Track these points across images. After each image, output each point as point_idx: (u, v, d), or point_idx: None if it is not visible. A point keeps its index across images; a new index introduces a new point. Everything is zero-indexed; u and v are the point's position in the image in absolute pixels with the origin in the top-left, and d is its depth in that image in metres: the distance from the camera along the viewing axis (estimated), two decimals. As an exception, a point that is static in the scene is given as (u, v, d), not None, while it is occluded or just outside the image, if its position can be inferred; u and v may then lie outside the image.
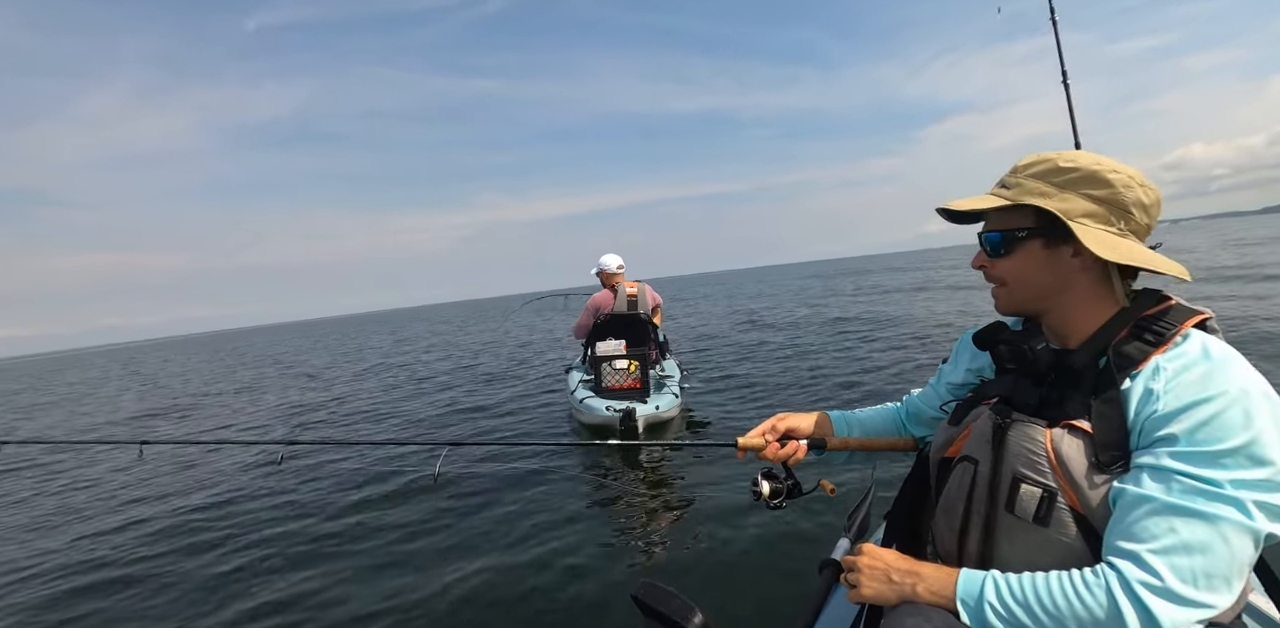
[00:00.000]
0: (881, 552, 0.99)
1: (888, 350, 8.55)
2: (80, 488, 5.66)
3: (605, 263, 6.08)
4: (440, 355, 15.12)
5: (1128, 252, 0.91)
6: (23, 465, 6.94)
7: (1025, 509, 0.91)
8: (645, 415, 5.12)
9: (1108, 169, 0.93)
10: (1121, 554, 0.81)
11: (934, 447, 1.12)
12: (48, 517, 4.86)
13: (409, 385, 10.11)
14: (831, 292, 23.97)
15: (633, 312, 5.92)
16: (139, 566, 3.55)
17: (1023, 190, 0.95)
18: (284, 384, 12.85)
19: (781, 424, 1.34)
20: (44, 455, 7.20)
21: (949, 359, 1.27)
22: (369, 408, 8.24)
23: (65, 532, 4.39)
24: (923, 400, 1.31)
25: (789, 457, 1.31)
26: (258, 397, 11.05)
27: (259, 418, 8.25)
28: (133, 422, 10.07)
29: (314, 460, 5.11)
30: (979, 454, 0.99)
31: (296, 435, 5.89)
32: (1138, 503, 0.81)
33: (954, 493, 1.02)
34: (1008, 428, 0.96)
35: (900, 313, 12.94)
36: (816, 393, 6.56)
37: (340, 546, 3.51)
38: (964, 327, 1.14)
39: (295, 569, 3.27)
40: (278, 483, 4.73)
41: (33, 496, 5.58)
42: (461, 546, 3.35)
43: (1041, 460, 0.90)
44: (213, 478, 5.13)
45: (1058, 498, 0.89)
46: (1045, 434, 0.91)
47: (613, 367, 5.50)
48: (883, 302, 16.20)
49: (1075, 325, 0.97)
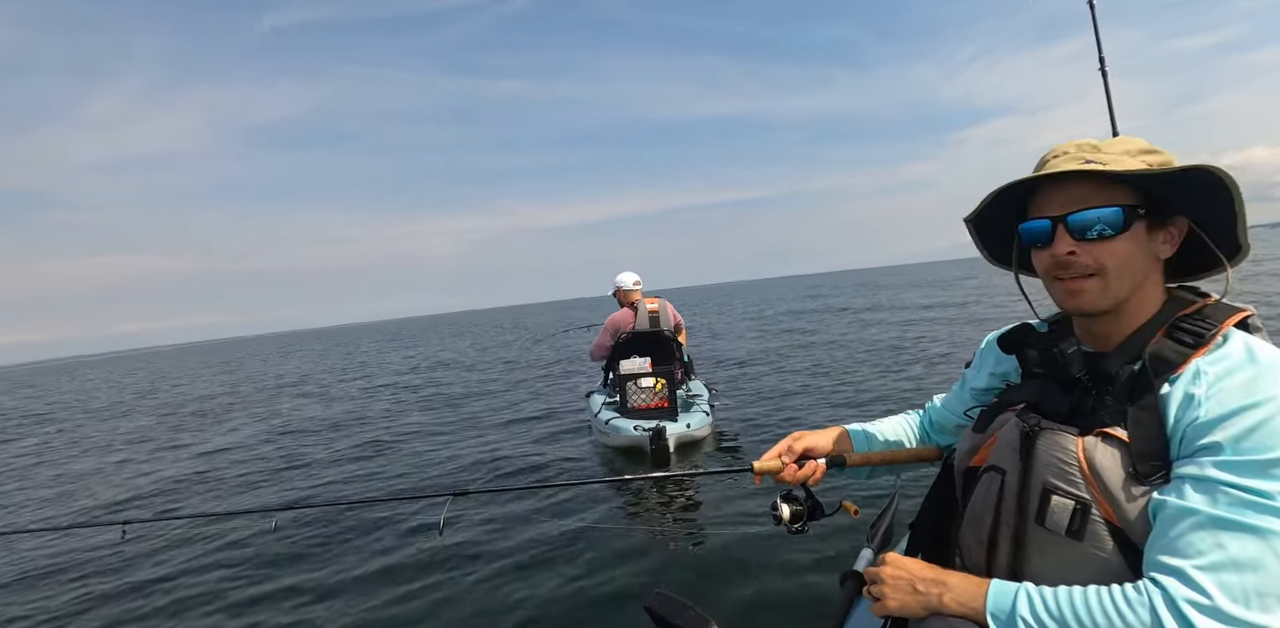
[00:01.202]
0: (905, 561, 0.96)
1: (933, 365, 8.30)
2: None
3: (621, 281, 6.00)
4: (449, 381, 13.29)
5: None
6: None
7: (1057, 522, 0.88)
8: (677, 434, 4.99)
9: (1152, 149, 0.91)
10: (1166, 571, 0.77)
11: (958, 455, 1.10)
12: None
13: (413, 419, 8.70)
14: (864, 306, 23.60)
15: (655, 329, 5.84)
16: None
17: (1125, 165, 0.88)
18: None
19: (798, 444, 1.30)
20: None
21: (972, 363, 1.23)
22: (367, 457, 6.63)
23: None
24: (946, 407, 1.29)
25: (807, 478, 1.27)
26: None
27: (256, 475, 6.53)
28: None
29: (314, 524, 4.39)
30: (1006, 464, 0.97)
31: (298, 497, 5.24)
32: (1181, 516, 0.77)
33: (981, 504, 1.00)
34: (1036, 436, 0.93)
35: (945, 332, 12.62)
36: (859, 407, 6.37)
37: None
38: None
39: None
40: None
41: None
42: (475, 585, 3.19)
43: (1073, 471, 0.87)
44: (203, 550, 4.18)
45: (1092, 510, 0.86)
46: (1077, 443, 0.88)
47: (638, 386, 5.37)
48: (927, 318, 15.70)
49: (1127, 325, 0.93)
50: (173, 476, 6.74)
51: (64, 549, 4.40)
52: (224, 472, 6.67)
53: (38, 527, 4.90)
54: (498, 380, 12.11)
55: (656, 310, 5.91)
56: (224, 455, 7.61)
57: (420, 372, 16.00)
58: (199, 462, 7.35)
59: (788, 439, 1.31)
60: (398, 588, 3.23)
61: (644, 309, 5.87)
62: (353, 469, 6.11)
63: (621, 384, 5.41)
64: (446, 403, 9.81)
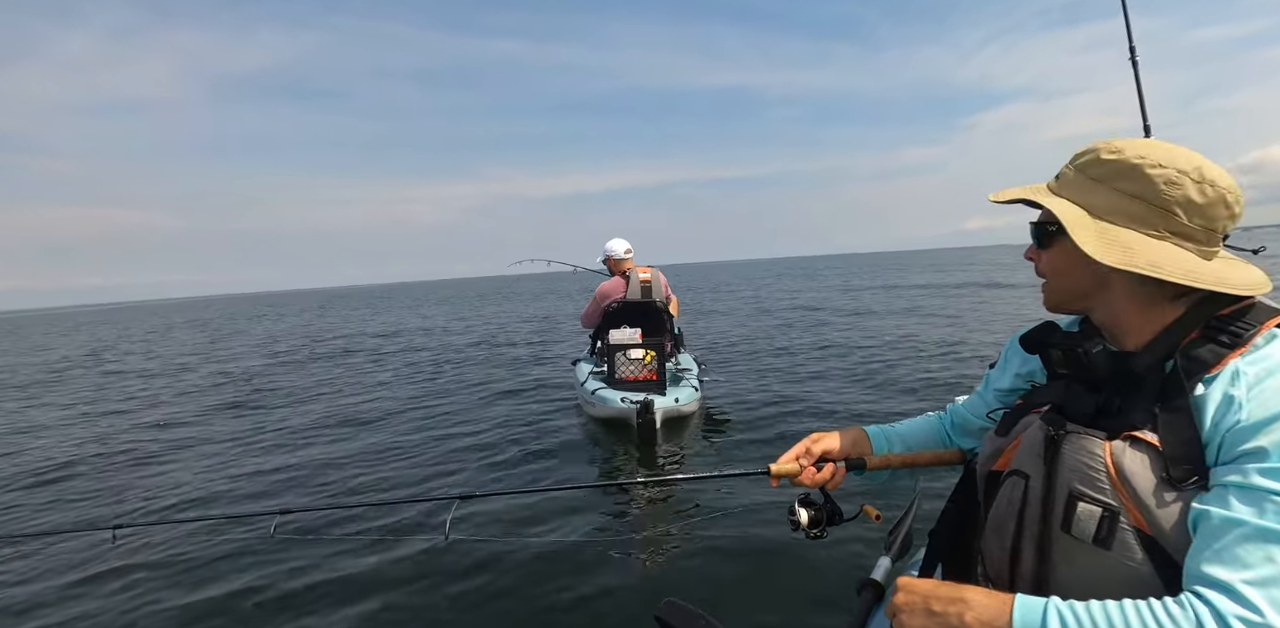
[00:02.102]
0: (915, 583, 0.90)
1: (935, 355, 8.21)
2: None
3: (612, 248, 5.83)
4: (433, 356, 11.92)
5: (1146, 256, 0.85)
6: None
7: (1084, 530, 0.86)
8: (664, 408, 4.89)
9: (1152, 163, 0.87)
10: (1211, 585, 0.73)
11: (980, 459, 1.08)
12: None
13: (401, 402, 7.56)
14: (864, 286, 23.54)
15: (647, 299, 5.69)
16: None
17: (1064, 180, 0.95)
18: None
19: (816, 447, 1.27)
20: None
21: (996, 364, 1.22)
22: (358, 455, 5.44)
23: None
24: (968, 409, 1.27)
25: (826, 481, 1.25)
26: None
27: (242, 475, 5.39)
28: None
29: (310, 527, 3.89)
30: (1030, 468, 0.94)
31: (289, 499, 4.48)
32: (1226, 527, 0.74)
33: (1003, 510, 0.98)
34: (1061, 440, 0.91)
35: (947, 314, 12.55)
36: (857, 388, 6.24)
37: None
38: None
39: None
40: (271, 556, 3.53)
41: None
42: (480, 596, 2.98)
43: (1100, 476, 0.85)
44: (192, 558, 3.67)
45: (1121, 518, 0.83)
46: (1104, 447, 0.86)
47: (627, 357, 5.24)
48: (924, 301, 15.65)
49: (1127, 325, 0.93)
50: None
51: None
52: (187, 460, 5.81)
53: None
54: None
55: (649, 280, 5.77)
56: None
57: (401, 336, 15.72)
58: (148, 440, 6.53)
59: (805, 441, 1.28)
60: (397, 595, 3.05)
61: (636, 278, 5.74)
62: (335, 454, 5.47)
63: (610, 354, 5.28)
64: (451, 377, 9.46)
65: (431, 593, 3.02)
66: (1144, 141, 0.91)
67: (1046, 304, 1.02)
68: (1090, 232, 0.89)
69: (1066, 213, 0.91)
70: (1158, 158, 0.87)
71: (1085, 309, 0.98)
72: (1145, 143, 0.90)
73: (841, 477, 1.25)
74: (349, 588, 3.13)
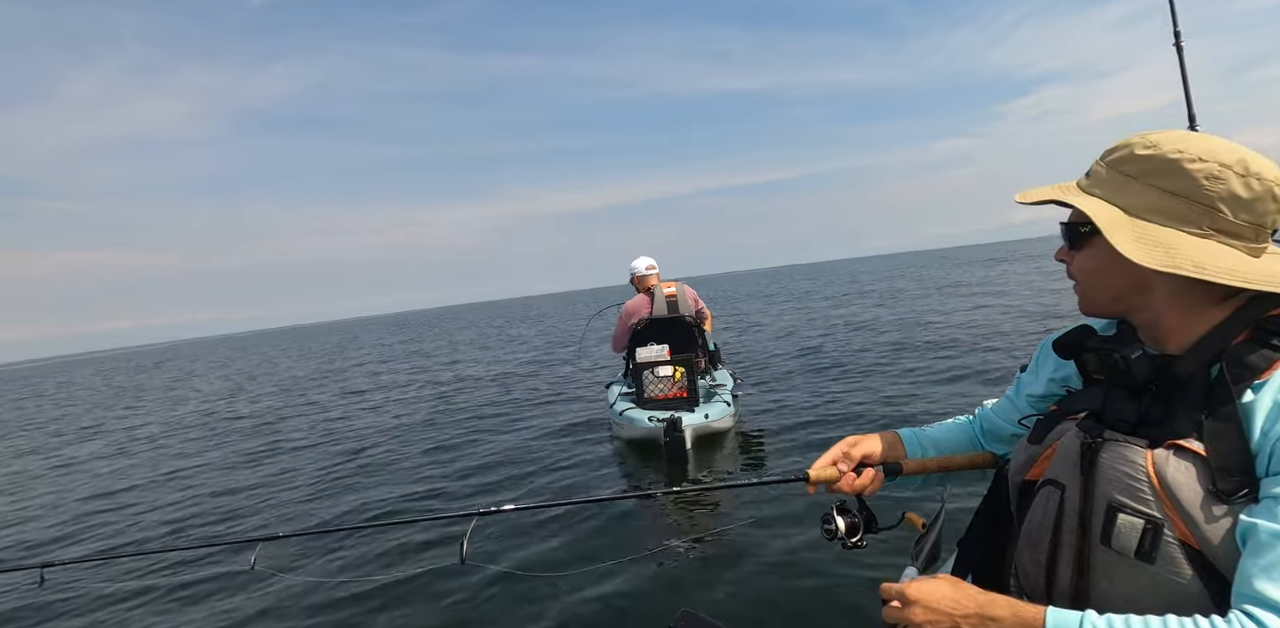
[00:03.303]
0: (932, 593, 0.86)
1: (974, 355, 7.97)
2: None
3: (635, 266, 5.89)
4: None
5: (1189, 257, 0.81)
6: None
7: (1125, 543, 0.83)
8: (693, 426, 4.80)
9: (1191, 157, 0.83)
10: (1262, 603, 0.71)
11: (1012, 467, 1.05)
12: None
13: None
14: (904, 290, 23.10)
15: (674, 314, 5.67)
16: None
17: (1095, 178, 0.91)
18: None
19: (855, 451, 1.21)
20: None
21: (1028, 367, 1.18)
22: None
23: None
24: (999, 415, 1.23)
25: (865, 487, 1.18)
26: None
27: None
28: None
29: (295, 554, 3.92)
30: (1065, 478, 0.92)
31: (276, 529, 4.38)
32: (1276, 542, 0.72)
33: (1038, 521, 0.95)
34: (1099, 448, 0.88)
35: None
36: (892, 406, 6.06)
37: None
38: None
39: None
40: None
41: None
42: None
43: (1143, 487, 0.82)
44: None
45: (1165, 530, 0.80)
46: (1146, 456, 0.83)
47: (655, 374, 5.18)
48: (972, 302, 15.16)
49: (1169, 329, 0.89)
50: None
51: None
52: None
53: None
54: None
55: (675, 295, 5.75)
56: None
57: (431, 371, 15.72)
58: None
59: (841, 445, 1.23)
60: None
61: (660, 294, 5.73)
62: (352, 481, 5.63)
63: (638, 373, 5.22)
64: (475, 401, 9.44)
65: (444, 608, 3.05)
66: (1181, 134, 0.86)
67: (1082, 308, 0.98)
68: (1127, 232, 0.85)
69: (1100, 213, 0.87)
70: (1197, 151, 0.83)
71: (1123, 313, 0.95)
72: (1183, 135, 0.86)
73: (880, 482, 1.20)
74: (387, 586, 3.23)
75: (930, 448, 1.27)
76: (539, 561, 3.42)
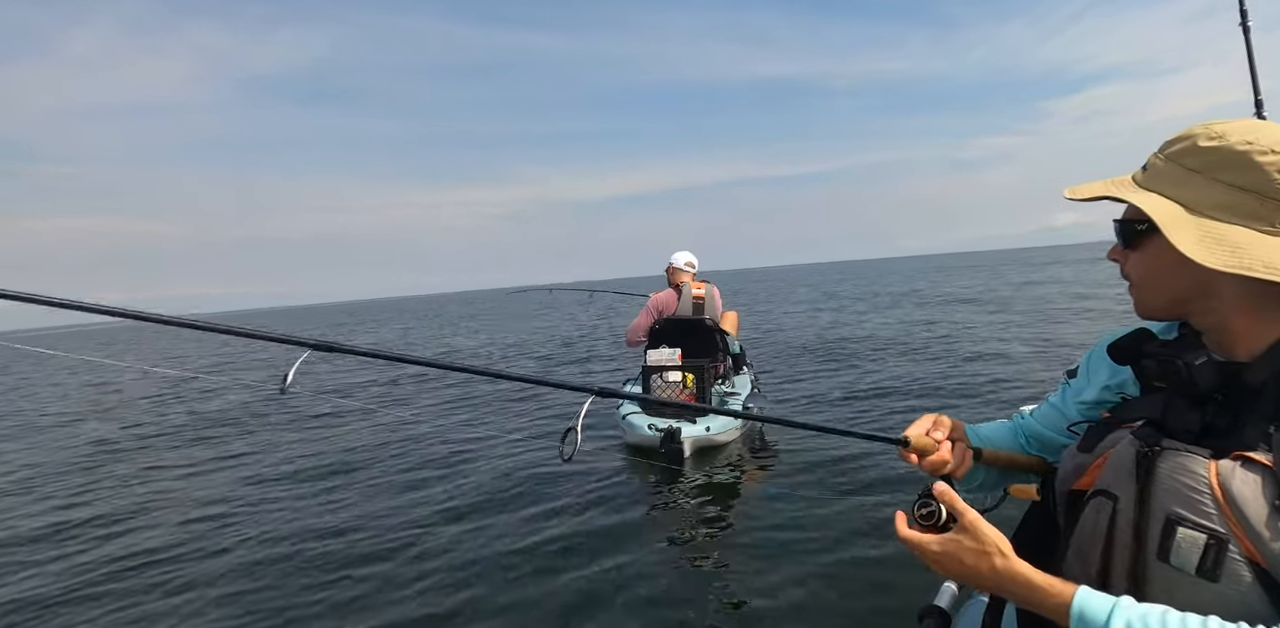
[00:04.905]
0: (949, 541, 0.87)
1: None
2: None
3: (674, 259, 5.77)
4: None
5: (1259, 257, 0.77)
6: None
7: (1185, 559, 0.78)
8: (693, 438, 4.68)
9: (1262, 149, 0.79)
10: None
11: (1060, 476, 1.00)
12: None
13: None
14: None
15: (697, 316, 5.49)
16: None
17: (1154, 173, 0.87)
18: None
19: (943, 424, 1.09)
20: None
21: (1077, 373, 1.13)
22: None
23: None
24: (1042, 421, 1.17)
25: (959, 466, 1.08)
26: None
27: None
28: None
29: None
30: (1119, 489, 0.87)
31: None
32: None
33: (1088, 534, 0.91)
34: (1155, 457, 0.84)
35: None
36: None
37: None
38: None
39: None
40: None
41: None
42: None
43: (1205, 499, 0.78)
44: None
45: (1230, 547, 0.76)
46: (1209, 467, 0.78)
47: (664, 379, 5.07)
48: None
49: (1237, 334, 0.85)
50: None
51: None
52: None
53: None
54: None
55: (702, 297, 5.60)
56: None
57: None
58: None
59: (930, 416, 1.12)
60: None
61: (688, 293, 5.62)
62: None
63: (646, 376, 5.10)
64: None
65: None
66: (1251, 123, 0.82)
67: (1138, 311, 0.94)
68: (1189, 231, 0.81)
69: (1159, 209, 0.83)
70: (1269, 142, 0.79)
71: (1184, 316, 0.92)
72: (1252, 125, 0.81)
73: (970, 464, 1.10)
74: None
75: (988, 444, 1.20)
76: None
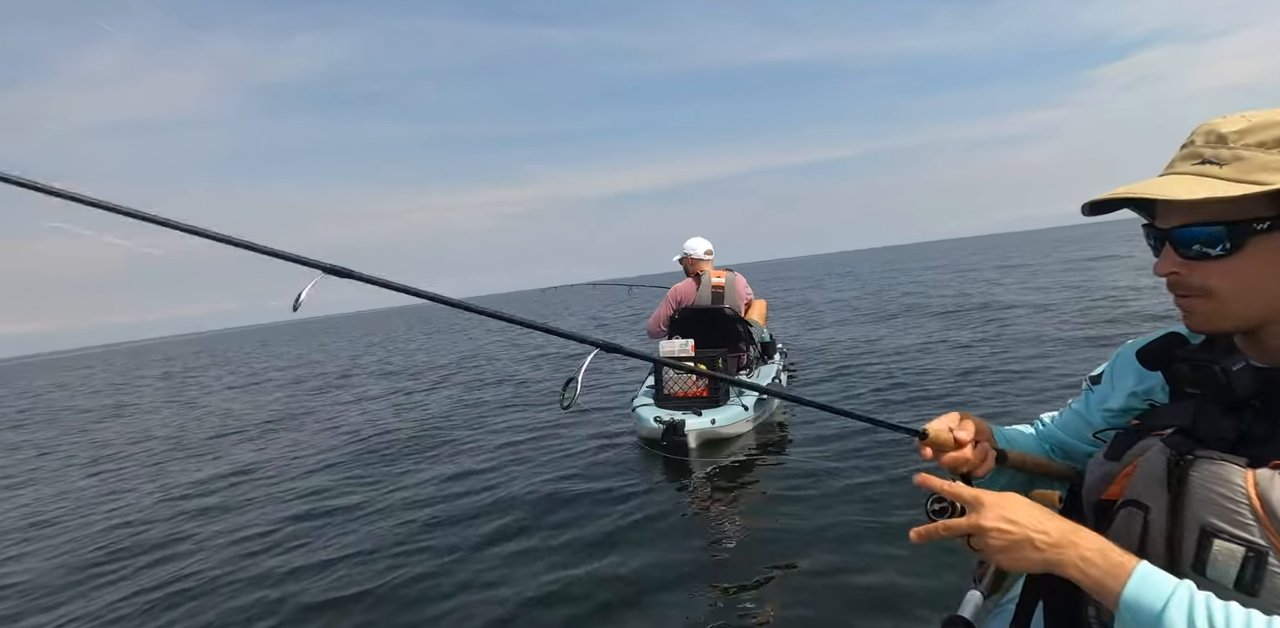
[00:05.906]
0: (1012, 500, 0.84)
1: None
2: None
3: (691, 247, 5.63)
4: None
5: None
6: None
7: (1222, 572, 0.76)
8: (698, 430, 4.69)
9: None
10: None
11: (1087, 485, 0.98)
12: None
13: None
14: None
15: (717, 306, 5.43)
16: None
17: (1249, 165, 0.76)
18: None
19: (968, 422, 1.05)
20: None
21: (1102, 378, 1.09)
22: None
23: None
24: (1064, 429, 1.14)
25: (979, 465, 1.04)
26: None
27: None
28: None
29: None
30: (1150, 499, 0.85)
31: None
32: None
33: (1119, 545, 0.84)
34: (1189, 466, 0.81)
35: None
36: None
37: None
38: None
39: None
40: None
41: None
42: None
43: (1242, 510, 0.75)
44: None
45: (1270, 560, 0.73)
46: (1246, 476, 0.76)
47: (677, 371, 4.97)
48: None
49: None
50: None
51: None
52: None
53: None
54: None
55: (722, 286, 5.52)
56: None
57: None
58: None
59: (954, 414, 1.08)
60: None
61: (708, 282, 5.54)
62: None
63: (658, 368, 5.05)
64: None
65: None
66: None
67: (1204, 326, 0.85)
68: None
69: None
70: None
71: (1264, 325, 0.84)
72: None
73: (992, 464, 1.05)
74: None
75: (1017, 447, 1.16)
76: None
